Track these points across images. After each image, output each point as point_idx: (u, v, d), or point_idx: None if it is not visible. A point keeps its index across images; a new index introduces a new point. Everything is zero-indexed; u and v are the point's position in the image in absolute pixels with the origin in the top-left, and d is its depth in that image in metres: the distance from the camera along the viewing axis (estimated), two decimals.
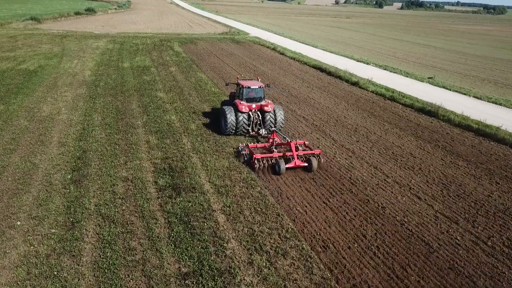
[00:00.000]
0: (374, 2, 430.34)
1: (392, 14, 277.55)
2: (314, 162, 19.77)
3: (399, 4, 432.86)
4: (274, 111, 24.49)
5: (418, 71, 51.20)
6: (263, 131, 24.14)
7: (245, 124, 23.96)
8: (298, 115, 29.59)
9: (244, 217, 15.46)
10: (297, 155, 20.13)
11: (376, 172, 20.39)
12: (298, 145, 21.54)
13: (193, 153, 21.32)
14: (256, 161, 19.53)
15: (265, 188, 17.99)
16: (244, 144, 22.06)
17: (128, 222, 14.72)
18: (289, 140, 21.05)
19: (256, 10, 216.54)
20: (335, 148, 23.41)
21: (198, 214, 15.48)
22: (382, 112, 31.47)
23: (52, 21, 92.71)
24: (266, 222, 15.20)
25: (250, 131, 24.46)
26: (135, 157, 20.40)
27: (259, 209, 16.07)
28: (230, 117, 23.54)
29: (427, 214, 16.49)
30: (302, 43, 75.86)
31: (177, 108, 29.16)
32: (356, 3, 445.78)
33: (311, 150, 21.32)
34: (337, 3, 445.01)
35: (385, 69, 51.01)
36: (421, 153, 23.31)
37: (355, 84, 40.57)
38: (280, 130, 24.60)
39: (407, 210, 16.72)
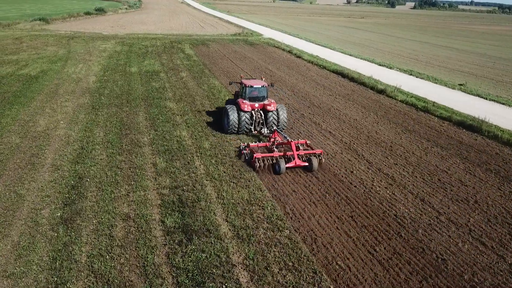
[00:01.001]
0: (387, 2, 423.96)
1: (405, 13, 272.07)
2: (315, 162, 19.62)
3: (412, 4, 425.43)
4: (277, 111, 24.50)
5: (445, 76, 47.51)
6: (265, 130, 24.26)
7: (247, 123, 24.03)
8: (323, 130, 26.32)
9: (272, 276, 12.29)
10: (297, 154, 19.97)
11: (424, 206, 17.06)
12: (299, 145, 21.62)
13: (207, 180, 18.22)
14: (256, 161, 19.42)
15: (295, 230, 14.77)
16: (245, 143, 21.99)
17: (127, 284, 11.64)
18: (289, 140, 20.68)
19: (268, 10, 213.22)
20: (372, 173, 20.11)
21: (214, 270, 12.35)
22: (417, 126, 28.05)
23: (61, 22, 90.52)
24: (300, 284, 12.00)
25: (253, 130, 24.48)
26: (139, 185, 17.35)
27: (290, 263, 12.88)
28: (233, 116, 23.56)
29: (501, 271, 13.15)
30: (318, 44, 72.44)
31: (188, 122, 26.09)
32: (368, 3, 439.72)
33: (312, 149, 21.12)
34: (348, 2, 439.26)
35: (410, 74, 47.43)
36: (472, 180, 19.89)
37: (381, 92, 37.12)
38: (283, 130, 24.79)
39: (474, 264, 13.39)
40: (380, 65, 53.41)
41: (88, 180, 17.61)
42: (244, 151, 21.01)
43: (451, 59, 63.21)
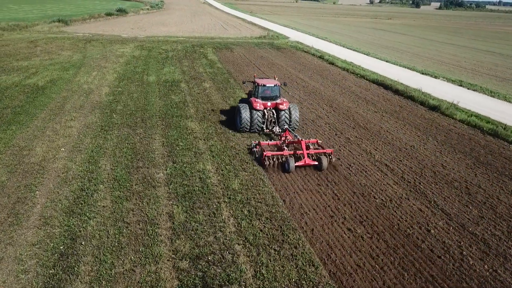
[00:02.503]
0: (411, 2, 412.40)
1: (432, 14, 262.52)
2: (324, 161, 19.58)
3: (437, 4, 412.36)
4: (290, 110, 24.40)
5: (500, 87, 41.86)
6: (276, 129, 24.25)
7: (259, 121, 24.07)
8: (377, 162, 21.46)
9: None
10: (307, 153, 19.98)
11: None
12: (309, 144, 21.39)
13: (238, 244, 13.71)
14: (266, 159, 19.51)
15: None
16: (256, 141, 21.94)
17: None
18: (300, 139, 20.87)
19: (291, 11, 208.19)
20: (456, 233, 15.17)
21: None
22: (491, 157, 22.87)
23: (80, 23, 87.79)
24: None
25: (265, 128, 24.54)
26: (150, 253, 12.96)
27: None
28: (245, 114, 23.66)
29: None
30: (350, 49, 67.24)
31: (214, 149, 21.64)
32: (392, 3, 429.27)
33: (323, 149, 21.06)
34: (371, 2, 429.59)
35: (460, 85, 41.93)
36: None
37: (435, 109, 31.91)
38: (295, 129, 24.80)
39: None
40: (422, 73, 48.00)
41: (84, 242, 13.32)
42: (255, 149, 21.16)
43: (499, 66, 57.14)
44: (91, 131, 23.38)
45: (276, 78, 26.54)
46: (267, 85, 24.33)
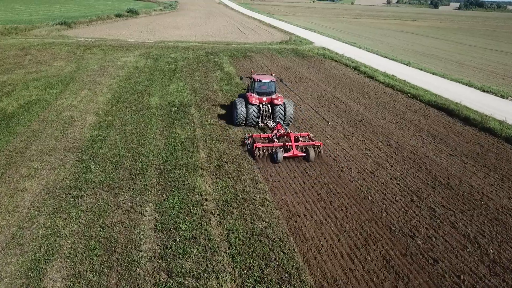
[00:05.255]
0: (429, 2, 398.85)
1: (457, 15, 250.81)
2: (312, 152, 20.36)
3: (456, 4, 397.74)
4: (284, 105, 24.98)
5: None
6: (271, 123, 24.74)
7: (255, 116, 24.63)
8: (491, 261, 13.27)
9: None
10: (296, 145, 20.77)
11: None
12: (300, 137, 22.22)
13: None
14: (256, 150, 20.23)
15: None
16: (250, 134, 22.54)
17: None
18: (289, 131, 21.50)
19: (309, 11, 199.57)
20: None
21: None
22: None
23: (85, 26, 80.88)
24: None
25: (260, 122, 25.02)
26: None
27: None
28: (241, 108, 24.32)
29: None
30: (385, 57, 58.76)
31: (233, 239, 13.72)
32: (409, 3, 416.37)
33: (312, 141, 21.81)
34: (388, 2, 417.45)
35: None
36: None
37: None
38: (289, 124, 25.43)
39: None
40: (483, 90, 39.45)
41: None
42: (247, 141, 21.75)
43: None
44: (50, 200, 15.62)
45: (273, 74, 27.71)
46: (263, 81, 25.00)
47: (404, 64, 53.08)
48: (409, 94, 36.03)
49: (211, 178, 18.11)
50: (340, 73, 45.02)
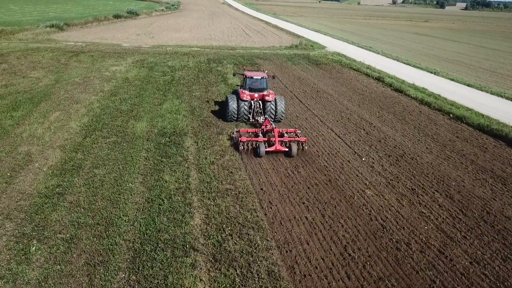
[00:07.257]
0: (435, 2, 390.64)
1: (467, 16, 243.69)
2: (294, 148, 20.51)
3: (463, 4, 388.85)
4: (275, 101, 25.13)
5: None
6: (261, 119, 24.54)
7: (246, 111, 24.92)
8: None
9: None
10: (279, 140, 20.85)
11: None
12: (286, 133, 22.19)
13: None
14: (240, 144, 20.67)
15: None
16: (238, 129, 23.25)
17: None
18: (274, 127, 21.97)
19: (316, 12, 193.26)
20: None
21: None
22: None
23: (79, 28, 75.05)
24: None
25: (251, 118, 25.23)
26: None
27: None
28: (232, 105, 24.55)
29: None
30: (408, 64, 52.46)
31: None
32: (415, 3, 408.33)
33: (298, 137, 21.76)
34: (394, 3, 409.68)
35: None
36: None
37: None
38: (280, 120, 25.67)
39: None
40: None
41: None
42: (233, 135, 22.16)
43: None
44: None
45: (265, 71, 27.59)
46: (255, 77, 25.13)
47: (432, 73, 46.81)
48: (451, 115, 29.87)
49: (208, 270, 12.07)
50: (362, 85, 38.89)
